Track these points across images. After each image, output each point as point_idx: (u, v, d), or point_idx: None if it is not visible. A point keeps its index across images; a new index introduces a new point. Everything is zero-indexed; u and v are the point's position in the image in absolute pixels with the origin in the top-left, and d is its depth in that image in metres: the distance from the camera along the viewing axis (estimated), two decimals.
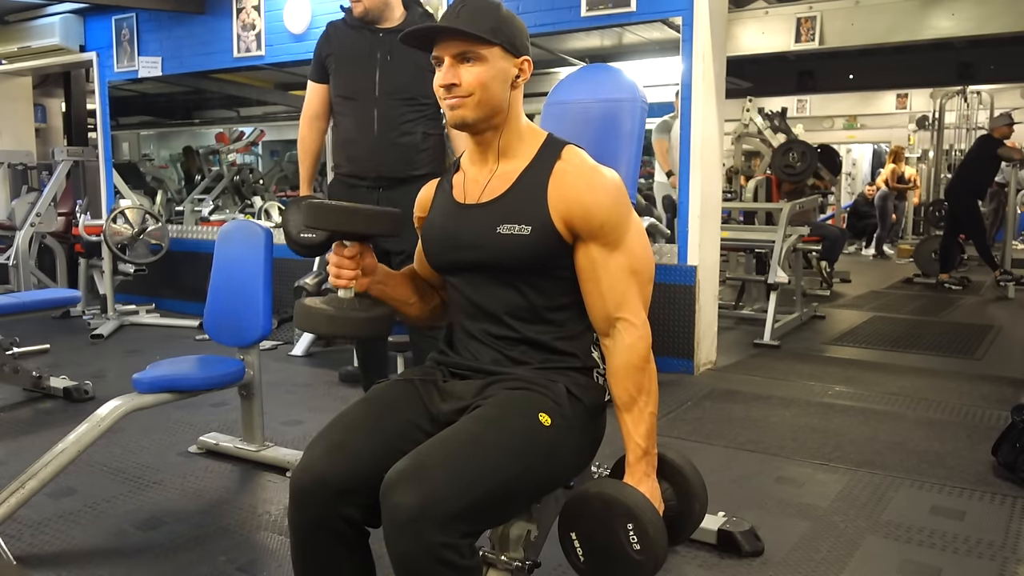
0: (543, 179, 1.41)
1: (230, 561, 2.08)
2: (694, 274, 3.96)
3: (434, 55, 1.41)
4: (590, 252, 1.39)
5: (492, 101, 1.40)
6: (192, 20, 5.52)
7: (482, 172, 1.48)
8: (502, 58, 1.40)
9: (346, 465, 1.31)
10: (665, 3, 3.91)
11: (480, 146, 1.47)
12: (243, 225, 2.81)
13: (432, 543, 1.16)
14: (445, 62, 1.39)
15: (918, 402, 3.52)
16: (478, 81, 1.38)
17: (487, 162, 1.48)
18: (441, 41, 1.39)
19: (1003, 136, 6.83)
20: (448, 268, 1.51)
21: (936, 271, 7.30)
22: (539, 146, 1.46)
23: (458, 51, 1.38)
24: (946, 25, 6.30)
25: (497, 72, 1.39)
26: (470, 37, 1.36)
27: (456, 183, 1.51)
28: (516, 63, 1.42)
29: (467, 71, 1.38)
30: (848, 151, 13.47)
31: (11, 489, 2.10)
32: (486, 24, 1.37)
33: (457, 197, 1.50)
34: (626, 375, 1.39)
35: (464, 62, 1.38)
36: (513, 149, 1.46)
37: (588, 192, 1.38)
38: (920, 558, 2.09)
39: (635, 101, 1.73)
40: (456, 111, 1.40)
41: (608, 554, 1.31)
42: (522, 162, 1.45)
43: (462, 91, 1.38)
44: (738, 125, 6.21)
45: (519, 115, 1.47)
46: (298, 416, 3.38)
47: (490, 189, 1.45)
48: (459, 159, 1.56)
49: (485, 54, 1.38)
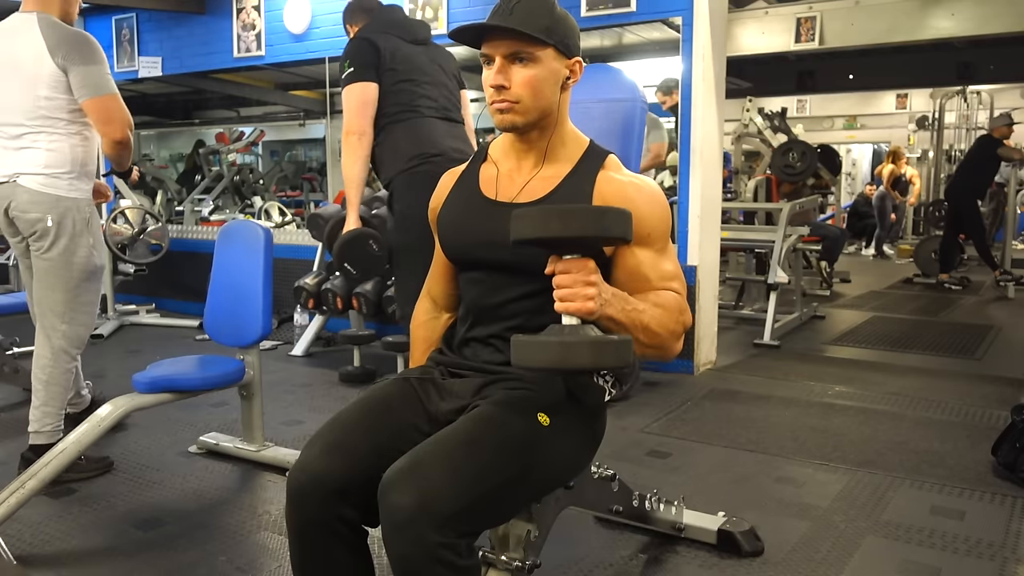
0: (587, 187, 1.39)
1: (230, 561, 2.08)
2: (694, 274, 3.96)
3: (483, 52, 1.36)
4: (636, 256, 1.37)
5: (542, 104, 1.37)
6: (192, 20, 5.52)
7: (520, 171, 1.45)
8: (555, 59, 1.36)
9: (344, 465, 1.31)
10: (665, 3, 3.91)
11: (522, 143, 1.44)
12: (243, 225, 2.81)
13: (430, 543, 1.16)
14: (496, 61, 1.35)
15: (918, 402, 3.52)
16: (529, 84, 1.34)
17: (527, 161, 1.44)
18: (492, 39, 1.34)
19: (1003, 136, 6.83)
20: (469, 264, 1.48)
21: (936, 271, 7.29)
22: (582, 152, 1.44)
23: (510, 51, 1.33)
24: (946, 25, 6.30)
25: (549, 74, 1.36)
26: (524, 37, 1.32)
27: (485, 176, 1.48)
28: (568, 64, 1.39)
29: (519, 72, 1.34)
30: (848, 151, 13.49)
31: (11, 489, 2.10)
32: (541, 23, 1.33)
33: (486, 192, 1.46)
34: (655, 296, 1.35)
35: (516, 62, 1.34)
36: (556, 152, 1.43)
37: (639, 200, 1.37)
38: (920, 558, 2.09)
39: (635, 101, 1.74)
40: (506, 115, 1.36)
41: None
42: (565, 166, 1.42)
43: (511, 95, 1.34)
44: (738, 125, 6.22)
45: (566, 118, 1.44)
46: (298, 416, 3.37)
47: (530, 190, 1.42)
48: (486, 148, 1.52)
49: (539, 55, 1.34)
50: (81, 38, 2.61)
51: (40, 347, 2.70)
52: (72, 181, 2.64)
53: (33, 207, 2.59)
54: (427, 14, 4.59)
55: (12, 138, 2.60)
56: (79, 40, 2.60)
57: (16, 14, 2.63)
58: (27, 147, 2.60)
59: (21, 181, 2.59)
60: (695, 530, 2.13)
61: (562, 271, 1.21)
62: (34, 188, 2.58)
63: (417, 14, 4.61)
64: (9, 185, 2.60)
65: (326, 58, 5.09)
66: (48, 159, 2.60)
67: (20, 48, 2.57)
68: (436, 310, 1.64)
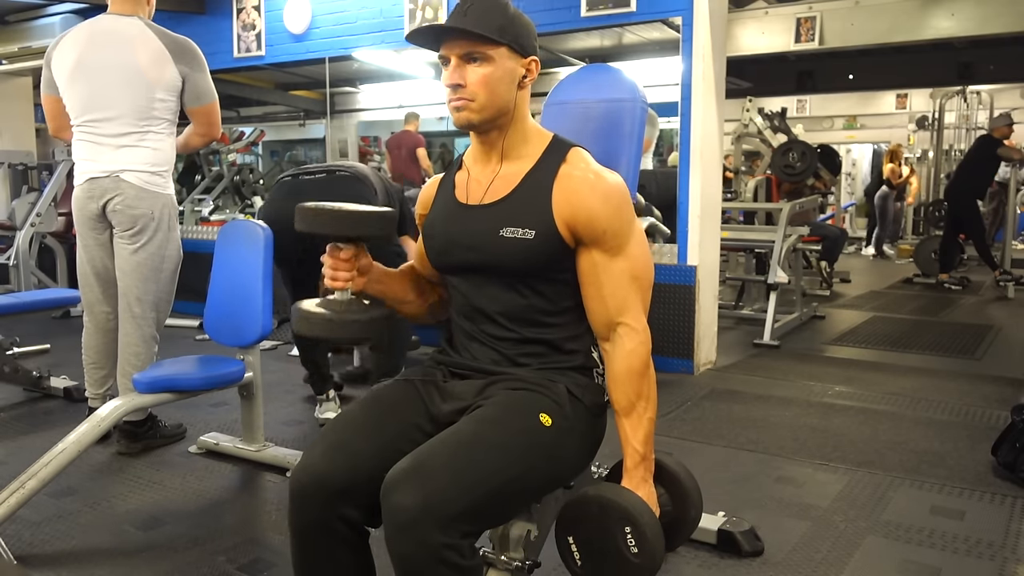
0: (547, 183, 1.40)
1: (230, 561, 2.08)
2: (694, 274, 3.96)
3: (441, 54, 1.39)
4: (592, 257, 1.38)
5: (497, 102, 1.39)
6: (192, 20, 5.52)
7: (485, 172, 1.47)
8: (509, 58, 1.38)
9: (346, 465, 1.31)
10: (665, 3, 3.91)
11: (484, 145, 1.46)
12: (243, 225, 2.81)
13: (433, 543, 1.16)
14: (452, 61, 1.37)
15: (918, 402, 3.52)
16: (484, 82, 1.36)
17: (490, 162, 1.46)
18: (448, 40, 1.38)
19: (1003, 136, 6.83)
20: (449, 268, 1.50)
21: (936, 271, 7.29)
22: (544, 148, 1.45)
23: (464, 51, 1.36)
24: (946, 25, 6.30)
25: (504, 73, 1.38)
26: (476, 37, 1.35)
27: (459, 182, 1.50)
28: (523, 63, 1.41)
29: (473, 71, 1.36)
30: (848, 151, 13.47)
31: (11, 489, 2.10)
32: (493, 23, 1.35)
33: (459, 197, 1.48)
34: (626, 380, 1.39)
35: (471, 62, 1.36)
36: (517, 150, 1.45)
37: (592, 198, 1.37)
38: (920, 558, 2.09)
39: (635, 101, 1.73)
40: (461, 113, 1.38)
41: (605, 558, 1.31)
42: (527, 164, 1.44)
43: (467, 93, 1.36)
44: (738, 125, 6.21)
45: (525, 116, 1.45)
46: (298, 416, 3.37)
47: (493, 190, 1.44)
48: (462, 157, 1.55)
49: (492, 54, 1.36)
50: (194, 47, 2.88)
51: (129, 337, 2.86)
52: (168, 179, 2.88)
53: (140, 202, 2.77)
54: (427, 14, 4.59)
55: (114, 136, 2.77)
56: (194, 49, 2.86)
57: (112, 16, 2.82)
58: (132, 145, 2.77)
59: (126, 177, 2.77)
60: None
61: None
62: (139, 184, 2.77)
63: (417, 14, 4.61)
64: (111, 179, 2.77)
65: (326, 58, 5.10)
66: (154, 157, 2.80)
67: (137, 52, 2.74)
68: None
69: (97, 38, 2.77)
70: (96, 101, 2.75)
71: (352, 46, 4.99)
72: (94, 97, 2.75)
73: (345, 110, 7.58)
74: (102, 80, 2.74)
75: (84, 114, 2.77)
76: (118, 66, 2.73)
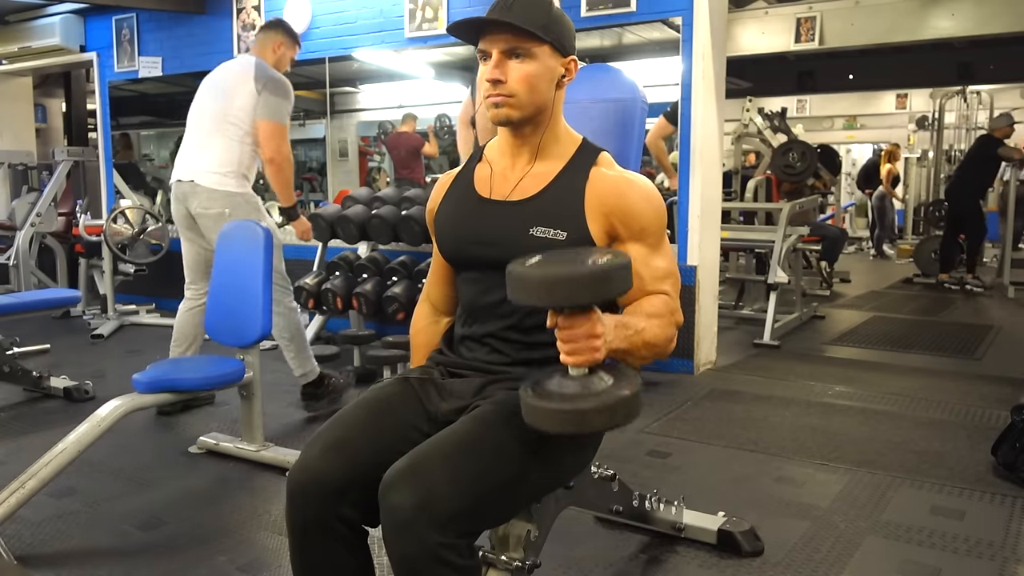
0: (580, 185, 1.40)
1: (230, 561, 2.08)
2: (694, 274, 3.96)
3: (480, 48, 1.38)
4: (630, 251, 1.36)
5: (537, 100, 1.38)
6: (192, 20, 5.52)
7: (513, 169, 1.45)
8: (551, 56, 1.37)
9: (344, 465, 1.31)
10: (665, 3, 3.91)
11: (516, 140, 1.44)
12: (243, 225, 2.81)
13: (431, 543, 1.16)
14: (493, 56, 1.36)
15: (918, 402, 3.52)
16: (525, 79, 1.35)
17: (520, 159, 1.45)
18: (490, 34, 1.36)
19: (1003, 136, 6.83)
20: (464, 263, 1.49)
21: (936, 271, 7.30)
22: (575, 149, 1.45)
23: (508, 46, 1.35)
24: (946, 25, 6.30)
25: (545, 71, 1.37)
26: (522, 32, 1.33)
27: (480, 176, 1.48)
28: (563, 62, 1.40)
29: (515, 68, 1.35)
30: (848, 151, 13.47)
31: (11, 489, 2.09)
32: (538, 20, 1.34)
33: (480, 191, 1.47)
34: (647, 307, 1.35)
35: (512, 57, 1.35)
36: (550, 149, 1.44)
37: (632, 194, 1.38)
38: (920, 558, 2.09)
39: (635, 101, 1.74)
40: (500, 109, 1.37)
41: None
42: (557, 163, 1.43)
43: (507, 90, 1.35)
44: (738, 125, 6.21)
45: (560, 115, 1.45)
46: (298, 416, 3.38)
47: (522, 188, 1.43)
48: (482, 149, 1.53)
49: (535, 51, 1.35)
50: (280, 79, 3.23)
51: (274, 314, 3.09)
52: (237, 179, 3.17)
53: (212, 203, 3.13)
54: (427, 14, 4.59)
55: (198, 141, 3.21)
56: (278, 78, 3.23)
57: (241, 55, 3.29)
58: (205, 148, 3.17)
59: (198, 180, 3.14)
60: (695, 530, 2.13)
61: (565, 327, 1.16)
62: (208, 186, 3.13)
63: (417, 14, 4.61)
64: (188, 184, 3.18)
65: (326, 58, 5.10)
66: (221, 158, 3.14)
67: (234, 74, 3.24)
68: (435, 314, 1.64)
69: (217, 72, 3.34)
70: (193, 113, 3.29)
71: (352, 46, 4.99)
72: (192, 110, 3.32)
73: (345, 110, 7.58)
74: (200, 98, 3.30)
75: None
76: (216, 86, 3.27)
